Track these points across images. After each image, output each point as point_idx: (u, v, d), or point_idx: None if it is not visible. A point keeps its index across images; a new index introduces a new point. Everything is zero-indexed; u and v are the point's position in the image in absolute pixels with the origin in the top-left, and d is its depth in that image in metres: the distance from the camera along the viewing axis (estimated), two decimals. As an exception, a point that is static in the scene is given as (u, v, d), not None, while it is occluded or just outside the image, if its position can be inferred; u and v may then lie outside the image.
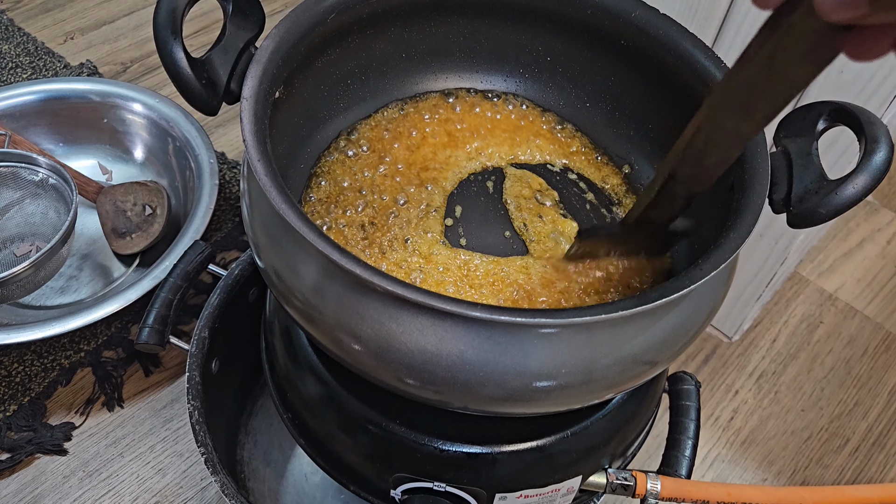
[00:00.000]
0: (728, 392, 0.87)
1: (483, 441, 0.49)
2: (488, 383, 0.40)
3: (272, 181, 0.41)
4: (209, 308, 0.66)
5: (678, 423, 0.61)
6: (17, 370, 0.79)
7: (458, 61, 0.63)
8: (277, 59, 0.48)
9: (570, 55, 0.60)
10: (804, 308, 0.96)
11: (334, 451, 0.53)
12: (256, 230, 0.46)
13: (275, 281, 0.45)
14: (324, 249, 0.38)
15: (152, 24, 0.43)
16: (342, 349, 0.43)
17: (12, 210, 0.89)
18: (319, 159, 0.58)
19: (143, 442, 0.76)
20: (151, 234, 0.89)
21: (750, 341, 0.92)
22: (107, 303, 0.75)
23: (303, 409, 0.55)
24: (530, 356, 0.40)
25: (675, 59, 0.53)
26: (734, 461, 0.82)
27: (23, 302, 0.85)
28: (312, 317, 0.43)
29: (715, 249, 0.41)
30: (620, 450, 0.56)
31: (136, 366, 0.81)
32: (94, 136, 0.97)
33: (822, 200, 0.42)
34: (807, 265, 1.01)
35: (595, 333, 0.41)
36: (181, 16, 0.44)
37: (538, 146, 0.60)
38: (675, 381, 0.64)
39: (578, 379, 0.42)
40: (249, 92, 0.45)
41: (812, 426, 0.85)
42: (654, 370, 0.45)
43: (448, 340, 0.39)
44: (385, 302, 0.40)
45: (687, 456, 0.60)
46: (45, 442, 0.74)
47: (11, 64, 1.13)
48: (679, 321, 0.43)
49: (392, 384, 0.43)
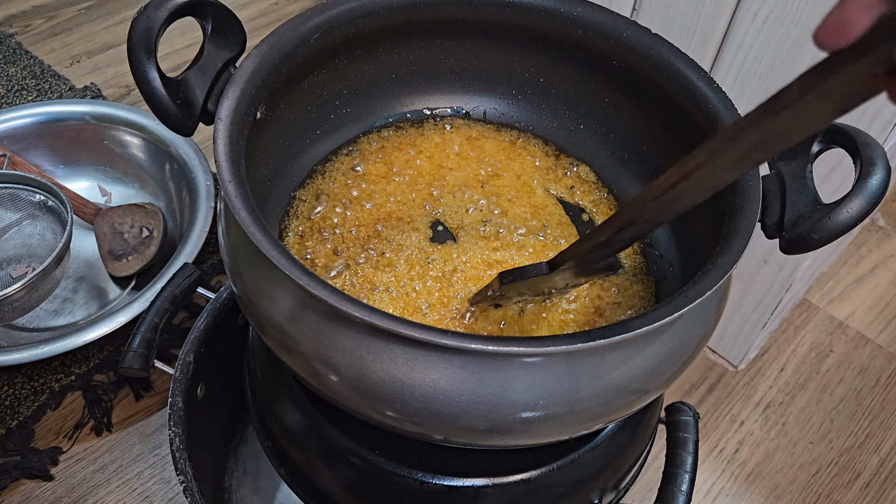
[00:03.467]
0: (733, 423, 0.85)
1: (465, 474, 0.48)
2: (464, 414, 0.39)
3: (243, 203, 0.40)
4: (195, 332, 0.64)
5: (675, 456, 0.59)
6: (6, 393, 0.78)
7: (450, 83, 0.62)
8: (257, 79, 0.47)
9: (563, 76, 0.59)
10: (813, 336, 0.93)
11: (313, 480, 0.52)
12: (231, 255, 0.45)
13: (250, 308, 0.44)
14: (288, 272, 0.36)
15: (127, 43, 0.43)
16: (320, 381, 0.42)
17: (10, 231, 0.89)
18: (306, 181, 0.57)
19: (131, 468, 0.75)
20: (147, 256, 0.88)
21: (756, 370, 0.89)
22: (96, 326, 0.74)
23: (282, 438, 0.53)
24: (506, 386, 0.38)
25: (668, 78, 0.51)
26: (739, 495, 0.79)
27: (17, 324, 0.85)
28: (289, 346, 0.42)
29: (702, 276, 0.39)
30: (612, 483, 0.54)
31: (126, 390, 0.80)
32: (94, 157, 0.97)
33: (815, 225, 0.41)
34: (816, 292, 0.98)
35: (577, 362, 0.39)
36: (156, 35, 0.43)
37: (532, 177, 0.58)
38: (672, 411, 0.61)
39: (561, 410, 0.40)
40: (225, 112, 0.44)
41: (821, 459, 0.82)
42: (644, 399, 0.43)
43: (419, 369, 0.38)
44: (356, 329, 0.39)
45: (684, 491, 0.57)
46: (31, 467, 0.73)
47: (17, 86, 1.13)
48: (667, 349, 0.41)
49: (371, 416, 0.42)
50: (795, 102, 0.24)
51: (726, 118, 0.47)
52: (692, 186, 0.31)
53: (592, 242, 0.38)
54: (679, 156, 0.53)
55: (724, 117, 0.47)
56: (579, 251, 0.39)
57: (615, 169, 0.59)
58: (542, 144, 0.60)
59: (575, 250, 0.39)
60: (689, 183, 0.30)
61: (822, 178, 0.68)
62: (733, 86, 0.68)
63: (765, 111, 0.26)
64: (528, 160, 0.59)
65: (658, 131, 0.55)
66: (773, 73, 0.65)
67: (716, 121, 0.48)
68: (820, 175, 0.65)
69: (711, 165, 0.29)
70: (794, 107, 0.24)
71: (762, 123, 0.26)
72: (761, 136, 0.26)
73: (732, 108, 0.48)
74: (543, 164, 0.59)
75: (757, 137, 0.27)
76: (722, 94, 0.49)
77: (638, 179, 0.58)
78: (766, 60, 0.65)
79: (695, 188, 0.31)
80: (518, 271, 0.42)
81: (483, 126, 0.61)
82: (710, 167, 0.29)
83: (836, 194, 0.41)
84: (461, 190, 0.56)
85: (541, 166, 0.59)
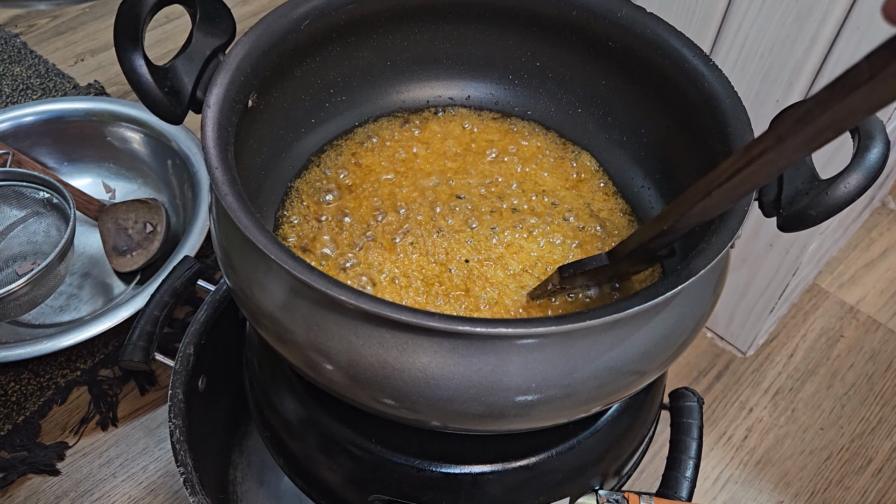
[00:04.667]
0: (742, 410, 0.84)
1: (462, 461, 0.47)
2: (456, 399, 0.38)
3: (230, 188, 0.39)
4: (195, 324, 0.64)
5: (679, 442, 0.58)
6: (13, 389, 0.78)
7: (446, 68, 0.61)
8: (246, 66, 0.47)
9: (559, 59, 0.58)
10: (823, 321, 0.92)
11: (311, 470, 0.51)
12: (222, 246, 0.45)
13: (244, 300, 0.44)
14: (274, 256, 0.36)
15: (113, 30, 0.42)
16: (315, 370, 0.41)
17: (17, 229, 0.90)
18: (302, 171, 0.57)
19: (136, 462, 0.75)
20: (151, 251, 0.89)
21: (765, 356, 0.88)
22: (99, 321, 0.74)
23: (280, 428, 0.53)
24: (498, 369, 0.37)
25: (664, 58, 0.50)
26: (748, 483, 0.78)
27: (23, 320, 0.85)
28: (283, 337, 0.42)
29: (695, 255, 0.38)
30: (613, 469, 0.53)
31: (132, 384, 0.80)
32: (98, 154, 0.97)
33: (812, 201, 0.40)
34: (826, 276, 0.97)
35: (570, 344, 0.38)
36: (142, 23, 0.42)
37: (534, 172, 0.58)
38: (676, 397, 0.61)
39: (556, 392, 0.39)
40: (214, 99, 0.44)
41: (832, 445, 0.81)
42: (641, 381, 0.43)
43: (409, 353, 0.37)
44: (346, 315, 0.38)
45: (688, 477, 0.57)
46: (37, 462, 0.73)
47: (23, 86, 1.14)
48: (662, 330, 0.41)
49: (367, 404, 0.42)
50: (867, 82, 0.24)
51: (722, 96, 0.46)
52: (757, 171, 0.30)
53: (655, 231, 0.38)
54: (677, 138, 0.53)
55: (720, 95, 0.47)
56: (641, 239, 0.39)
57: (614, 152, 0.58)
58: (543, 130, 0.60)
59: (636, 239, 0.39)
60: (755, 168, 0.30)
61: (821, 153, 0.67)
62: (734, 66, 0.67)
63: (834, 92, 0.25)
64: (527, 146, 0.59)
65: (656, 113, 0.54)
66: (774, 53, 0.64)
67: (712, 99, 0.47)
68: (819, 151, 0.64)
69: (779, 150, 0.29)
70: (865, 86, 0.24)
71: (833, 104, 0.25)
72: (831, 117, 0.26)
73: (729, 86, 0.47)
74: (546, 148, 0.59)
75: (827, 119, 0.26)
76: (718, 72, 0.48)
77: (637, 163, 0.57)
78: (767, 39, 0.64)
79: (760, 172, 0.30)
80: (578, 264, 0.43)
81: (481, 113, 0.61)
82: (777, 151, 0.29)
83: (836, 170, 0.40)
84: (462, 178, 0.56)
85: (542, 149, 0.58)
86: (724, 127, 0.45)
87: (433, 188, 0.55)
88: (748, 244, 0.78)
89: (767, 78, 0.66)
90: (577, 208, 0.54)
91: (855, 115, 0.25)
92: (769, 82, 0.66)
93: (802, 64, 0.63)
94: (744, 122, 0.45)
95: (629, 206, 0.56)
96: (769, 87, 0.66)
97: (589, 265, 0.43)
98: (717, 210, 0.37)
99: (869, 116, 0.27)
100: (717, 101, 0.46)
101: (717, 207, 0.36)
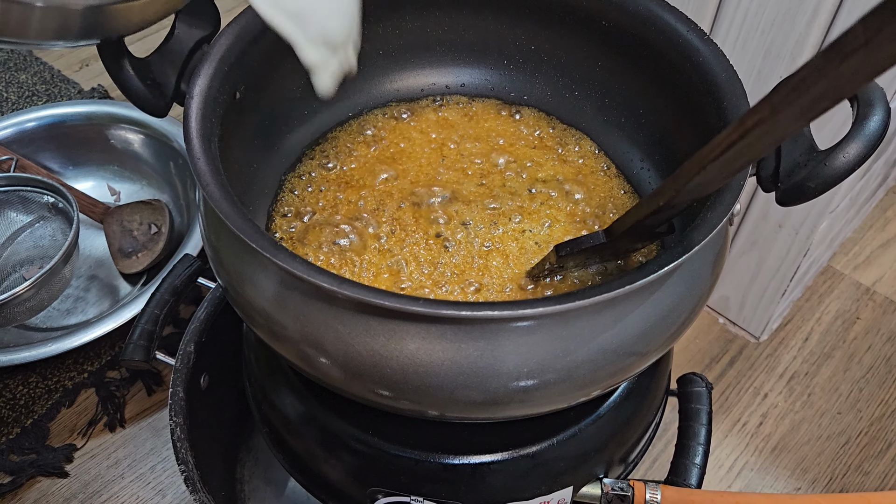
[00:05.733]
0: (756, 395, 0.82)
1: (461, 451, 0.46)
2: (447, 386, 0.38)
3: (213, 178, 0.39)
4: (195, 322, 0.64)
5: (688, 429, 0.57)
6: (21, 392, 0.79)
7: (439, 56, 0.60)
8: (231, 57, 0.46)
9: (554, 42, 0.57)
10: (839, 303, 0.90)
11: (311, 465, 0.51)
12: (210, 242, 0.44)
13: (236, 298, 0.43)
14: (257, 244, 0.35)
15: (93, 24, 0.42)
16: (310, 364, 0.40)
17: (24, 234, 0.90)
18: (296, 164, 0.56)
19: (144, 462, 0.75)
20: (155, 252, 0.88)
21: (780, 341, 0.87)
22: (103, 322, 0.74)
23: (279, 423, 0.52)
24: (487, 354, 0.37)
25: (658, 35, 0.49)
26: (764, 469, 0.76)
27: (30, 324, 0.85)
28: (276, 333, 0.41)
29: (689, 232, 0.37)
30: (618, 457, 0.52)
31: (139, 385, 0.80)
32: (102, 157, 0.97)
33: (810, 173, 0.38)
34: (841, 258, 0.95)
35: (562, 326, 0.37)
36: (122, 15, 0.42)
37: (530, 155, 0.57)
38: (684, 382, 0.60)
39: (551, 377, 0.38)
40: (197, 90, 0.43)
41: (850, 430, 0.79)
42: (641, 362, 0.42)
43: (395, 340, 0.36)
44: (334, 304, 0.38)
45: (697, 464, 0.55)
46: (46, 465, 0.74)
47: (28, 92, 1.14)
48: (659, 309, 0.40)
49: (361, 395, 0.41)
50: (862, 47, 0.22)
51: (717, 70, 0.45)
52: (753, 143, 0.29)
53: (651, 207, 0.37)
54: (675, 116, 0.52)
55: (715, 69, 0.45)
56: (638, 216, 0.38)
57: (613, 134, 0.57)
58: (541, 115, 0.59)
59: (633, 216, 0.38)
60: (750, 139, 0.28)
61: (820, 123, 0.65)
62: (735, 43, 0.66)
63: (828, 59, 0.23)
64: (526, 132, 0.58)
65: (653, 92, 0.53)
66: (776, 28, 0.62)
67: (707, 74, 0.46)
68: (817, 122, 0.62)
69: (773, 121, 0.27)
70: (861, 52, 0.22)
71: (828, 71, 0.24)
72: (827, 85, 0.24)
73: (724, 60, 0.46)
74: (543, 133, 0.57)
75: (822, 88, 0.24)
76: (713, 46, 0.47)
77: (636, 145, 0.56)
78: (768, 14, 0.62)
79: (756, 144, 0.29)
80: (574, 242, 0.42)
81: (477, 100, 0.60)
82: (772, 122, 0.27)
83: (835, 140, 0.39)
84: (460, 165, 0.55)
85: (541, 134, 0.57)
86: (720, 101, 0.44)
87: (430, 177, 0.54)
88: (757, 225, 0.77)
89: (770, 54, 0.64)
90: (577, 191, 0.53)
91: (852, 82, 0.24)
92: (771, 58, 0.65)
93: (805, 38, 0.62)
94: (739, 94, 0.44)
95: (631, 186, 0.54)
96: (771, 63, 0.65)
97: (586, 243, 0.42)
98: (714, 185, 0.36)
99: (867, 83, 0.25)
100: (712, 74, 0.45)
101: (714, 182, 0.35)
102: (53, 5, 0.30)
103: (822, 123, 0.64)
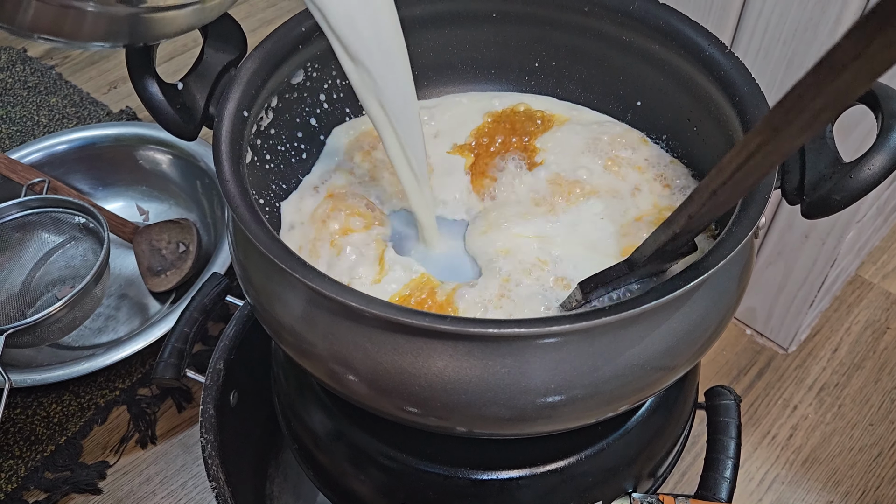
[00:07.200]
0: (786, 408, 0.81)
1: (489, 467, 0.47)
2: (475, 403, 0.38)
3: (242, 200, 0.40)
4: (224, 339, 0.65)
5: (716, 442, 0.57)
6: (55, 411, 0.80)
7: (461, 73, 0.61)
8: (258, 80, 0.47)
9: (575, 58, 0.57)
10: (868, 313, 0.89)
11: (340, 481, 0.51)
12: (239, 262, 0.45)
13: (264, 316, 0.44)
14: (284, 264, 0.36)
15: (125, 51, 0.43)
16: (339, 381, 0.41)
17: (56, 255, 0.92)
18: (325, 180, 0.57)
19: (175, 479, 0.76)
20: (184, 270, 0.90)
21: (808, 352, 0.86)
22: (133, 341, 0.76)
23: (308, 439, 0.53)
24: (514, 371, 0.37)
25: (679, 49, 0.49)
26: (795, 482, 0.76)
27: (63, 343, 0.87)
28: (305, 350, 0.41)
29: (716, 247, 0.37)
30: (647, 471, 0.52)
31: (169, 402, 0.81)
32: (130, 177, 0.99)
33: (835, 185, 0.38)
34: (869, 267, 0.94)
35: (589, 342, 0.38)
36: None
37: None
38: (712, 395, 0.59)
39: (579, 392, 0.39)
40: (226, 113, 0.44)
41: (882, 442, 0.78)
42: (669, 377, 0.42)
43: (424, 358, 0.37)
44: (363, 323, 0.38)
45: (727, 477, 0.55)
46: (80, 482, 0.75)
47: (59, 115, 1.17)
48: (686, 324, 0.40)
49: (390, 412, 0.41)
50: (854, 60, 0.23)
51: (739, 83, 0.45)
52: (760, 163, 0.29)
53: (669, 235, 0.37)
54: (698, 130, 0.52)
55: (737, 82, 0.45)
56: (657, 244, 0.38)
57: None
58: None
59: (652, 244, 0.39)
60: (756, 160, 0.29)
61: (843, 135, 0.64)
62: (757, 54, 0.66)
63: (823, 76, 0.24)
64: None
65: (676, 107, 0.53)
66: (797, 38, 0.62)
67: (729, 87, 0.46)
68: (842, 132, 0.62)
69: (776, 140, 0.27)
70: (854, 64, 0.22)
71: (824, 87, 0.24)
72: (826, 99, 0.24)
73: (746, 72, 0.46)
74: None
75: (821, 103, 0.25)
76: (735, 59, 0.47)
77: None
78: (789, 25, 0.62)
79: (763, 164, 0.29)
80: (598, 277, 0.42)
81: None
82: (775, 142, 0.28)
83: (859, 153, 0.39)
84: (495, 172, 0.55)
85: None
86: (744, 115, 0.44)
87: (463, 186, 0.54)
88: (783, 236, 0.76)
89: (792, 64, 0.64)
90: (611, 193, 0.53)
91: (850, 92, 0.24)
92: (794, 68, 0.64)
93: (827, 48, 0.61)
94: (763, 108, 0.43)
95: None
96: (794, 73, 0.65)
97: (609, 276, 0.42)
98: (728, 205, 0.36)
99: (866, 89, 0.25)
100: (735, 88, 0.45)
101: (727, 203, 0.35)
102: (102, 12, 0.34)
103: (845, 134, 0.64)
